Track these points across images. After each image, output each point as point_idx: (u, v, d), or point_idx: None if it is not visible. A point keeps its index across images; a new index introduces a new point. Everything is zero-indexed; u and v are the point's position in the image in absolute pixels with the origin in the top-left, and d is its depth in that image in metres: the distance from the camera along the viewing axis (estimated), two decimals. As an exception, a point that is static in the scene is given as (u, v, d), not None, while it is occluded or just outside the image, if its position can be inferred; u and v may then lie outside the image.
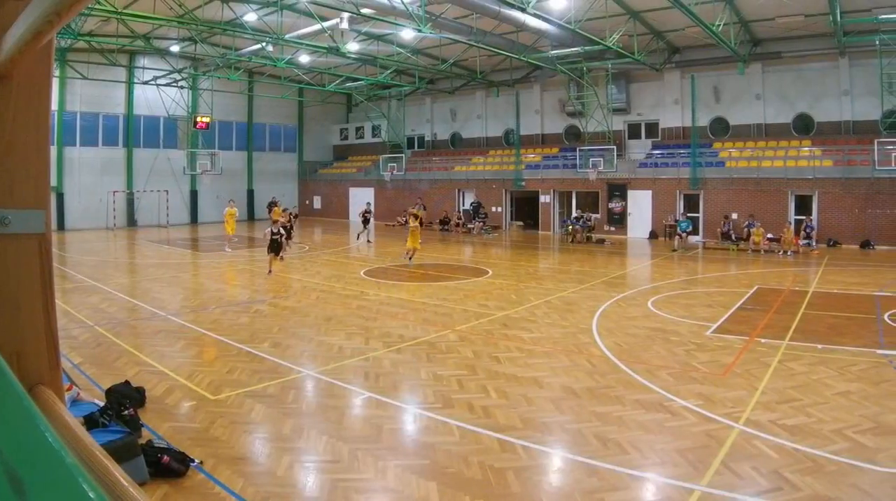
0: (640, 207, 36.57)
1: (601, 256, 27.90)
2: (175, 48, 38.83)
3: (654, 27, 33.31)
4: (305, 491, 6.74)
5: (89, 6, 21.95)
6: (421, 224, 26.24)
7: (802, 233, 29.53)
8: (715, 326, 14.24)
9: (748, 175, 33.13)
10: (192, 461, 7.12)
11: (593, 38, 29.23)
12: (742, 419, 8.51)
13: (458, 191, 45.13)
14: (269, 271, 21.90)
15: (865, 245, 29.61)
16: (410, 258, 24.82)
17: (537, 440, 7.96)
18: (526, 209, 43.53)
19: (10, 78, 1.66)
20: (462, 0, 25.58)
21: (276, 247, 22.05)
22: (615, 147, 37.06)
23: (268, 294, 18.67)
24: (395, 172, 46.10)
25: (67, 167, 40.94)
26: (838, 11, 25.95)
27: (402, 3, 25.42)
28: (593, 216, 37.17)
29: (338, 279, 21.34)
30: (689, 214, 33.93)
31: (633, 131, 41.31)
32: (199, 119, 42.39)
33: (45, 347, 1.79)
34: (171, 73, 41.66)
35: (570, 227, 35.47)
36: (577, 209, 38.85)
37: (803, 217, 31.14)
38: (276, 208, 38.11)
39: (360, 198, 47.52)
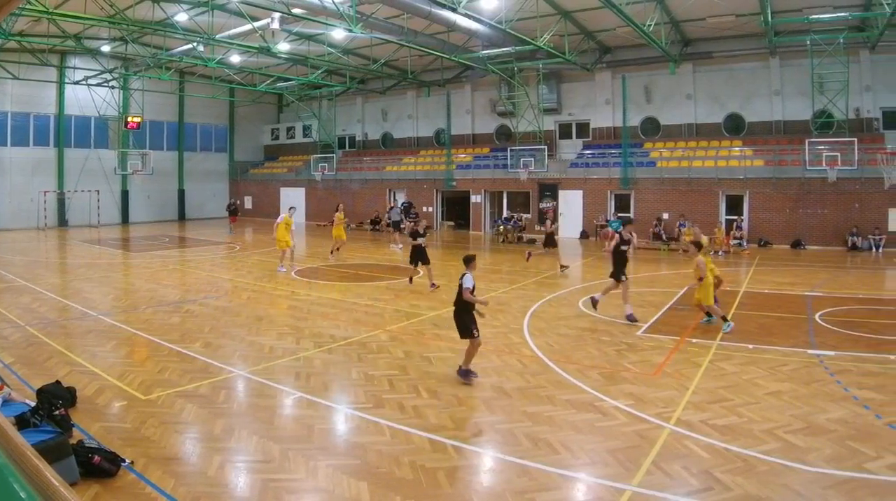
0: (571, 207, 37.05)
1: (532, 256, 28.13)
2: (106, 48, 38.33)
3: (585, 27, 33.88)
4: (237, 491, 6.76)
5: (20, 6, 21.51)
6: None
7: (733, 232, 30.22)
8: (646, 326, 14.46)
9: (679, 175, 33.79)
10: (123, 461, 7.09)
11: (524, 38, 29.60)
12: (673, 419, 8.66)
13: (390, 191, 45.24)
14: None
15: (796, 245, 30.46)
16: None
17: (468, 440, 8.07)
18: (457, 209, 43.79)
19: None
20: (393, 0, 25.63)
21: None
22: (546, 147, 37.60)
23: (199, 293, 18.50)
24: (325, 172, 46.18)
25: (-2, 167, 40.16)
26: (769, 11, 26.63)
27: (333, 3, 25.38)
28: (524, 216, 37.54)
29: (269, 279, 21.21)
30: (620, 214, 34.30)
31: (565, 131, 41.90)
32: (130, 119, 42.19)
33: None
34: (102, 72, 41.08)
35: (501, 228, 35.73)
36: (507, 209, 39.22)
37: (735, 217, 31.95)
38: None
39: (292, 198, 47.38)
